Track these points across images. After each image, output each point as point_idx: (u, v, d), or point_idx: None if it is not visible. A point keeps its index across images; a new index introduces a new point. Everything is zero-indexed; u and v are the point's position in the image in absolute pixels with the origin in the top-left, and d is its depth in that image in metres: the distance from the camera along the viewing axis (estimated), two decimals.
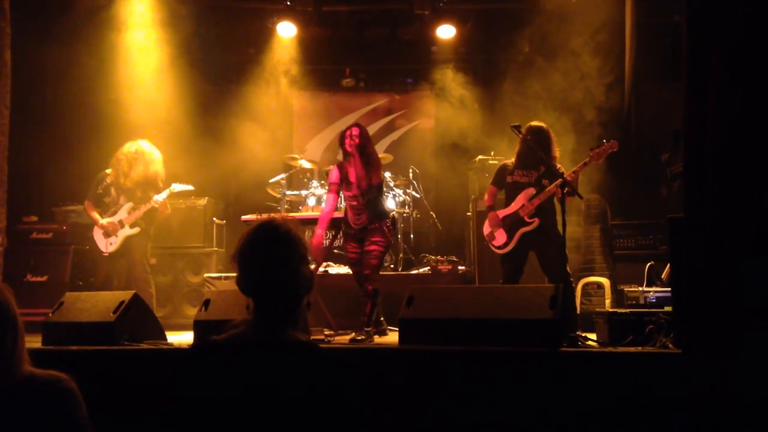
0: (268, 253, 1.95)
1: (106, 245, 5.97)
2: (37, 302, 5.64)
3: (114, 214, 6.02)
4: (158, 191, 6.02)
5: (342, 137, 5.24)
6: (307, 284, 2.00)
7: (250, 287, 1.97)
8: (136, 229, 5.98)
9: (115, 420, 3.08)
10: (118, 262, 6.03)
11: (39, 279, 6.52)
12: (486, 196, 5.55)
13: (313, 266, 5.55)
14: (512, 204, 5.31)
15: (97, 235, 6.02)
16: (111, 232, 5.97)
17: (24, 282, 6.40)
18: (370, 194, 5.18)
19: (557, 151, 5.31)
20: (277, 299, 1.95)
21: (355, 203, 5.25)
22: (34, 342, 4.38)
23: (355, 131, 5.19)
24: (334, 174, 5.35)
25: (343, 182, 5.28)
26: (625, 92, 7.44)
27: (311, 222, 6.84)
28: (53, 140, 7.21)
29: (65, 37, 7.13)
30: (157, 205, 5.97)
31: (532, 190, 5.23)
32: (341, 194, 5.47)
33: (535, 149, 5.06)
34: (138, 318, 4.57)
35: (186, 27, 7.62)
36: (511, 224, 5.28)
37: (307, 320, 4.49)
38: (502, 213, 5.35)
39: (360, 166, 5.11)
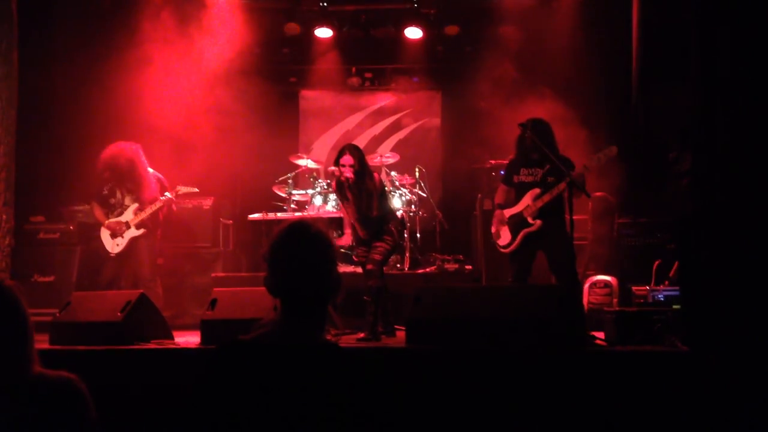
0: (299, 253, 1.95)
1: (113, 246, 6.00)
2: (44, 302, 5.65)
3: (120, 215, 6.04)
4: (159, 191, 6.07)
5: (336, 163, 5.14)
6: (335, 285, 1.99)
7: (280, 287, 1.96)
8: (142, 230, 5.99)
9: (122, 420, 3.09)
10: (125, 263, 6.05)
11: (46, 279, 6.53)
12: (496, 193, 5.55)
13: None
14: (519, 203, 5.30)
15: (104, 235, 6.05)
16: (117, 232, 5.99)
17: (31, 282, 6.41)
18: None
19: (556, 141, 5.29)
20: (306, 300, 1.94)
21: (358, 216, 5.26)
22: (41, 342, 4.39)
23: (348, 161, 5.02)
24: (334, 185, 5.41)
25: (343, 199, 5.30)
26: (632, 90, 7.40)
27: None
28: (60, 140, 7.22)
29: (72, 38, 7.14)
30: (163, 203, 6.01)
31: (537, 191, 5.21)
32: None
33: (540, 145, 5.02)
34: (145, 318, 4.58)
35: (192, 26, 7.62)
36: (515, 224, 5.27)
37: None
38: (509, 212, 5.34)
39: (355, 206, 5.13)
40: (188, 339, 4.89)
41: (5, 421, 1.93)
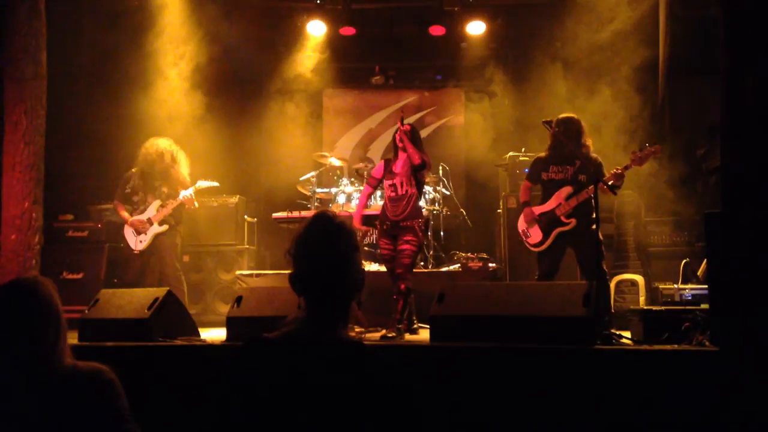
0: (325, 242, 1.94)
1: (136, 243, 6.08)
2: (73, 299, 5.69)
3: (143, 212, 6.12)
4: (184, 187, 6.13)
5: (395, 132, 5.44)
6: (359, 278, 1.98)
7: (306, 281, 1.94)
8: (165, 227, 6.07)
9: (150, 415, 3.12)
10: (150, 260, 6.13)
11: (75, 276, 6.62)
12: (521, 191, 5.50)
13: None
14: (549, 201, 5.24)
15: (128, 233, 6.13)
16: (141, 230, 6.07)
17: (60, 279, 6.50)
18: (418, 176, 5.31)
19: (589, 141, 5.23)
20: (332, 293, 1.93)
21: (394, 194, 5.33)
22: (70, 338, 4.43)
23: (407, 127, 5.40)
24: (379, 169, 5.54)
25: (387, 175, 5.41)
26: (659, 86, 7.31)
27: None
28: (88, 140, 7.33)
29: (100, 38, 7.23)
30: (184, 200, 6.07)
31: (569, 189, 5.15)
32: (381, 189, 5.61)
33: (567, 143, 4.98)
34: (172, 315, 4.62)
35: (217, 26, 7.68)
36: (547, 222, 5.21)
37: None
38: (538, 210, 5.28)
39: (410, 145, 5.25)
40: (214, 336, 4.93)
41: (41, 409, 1.97)
